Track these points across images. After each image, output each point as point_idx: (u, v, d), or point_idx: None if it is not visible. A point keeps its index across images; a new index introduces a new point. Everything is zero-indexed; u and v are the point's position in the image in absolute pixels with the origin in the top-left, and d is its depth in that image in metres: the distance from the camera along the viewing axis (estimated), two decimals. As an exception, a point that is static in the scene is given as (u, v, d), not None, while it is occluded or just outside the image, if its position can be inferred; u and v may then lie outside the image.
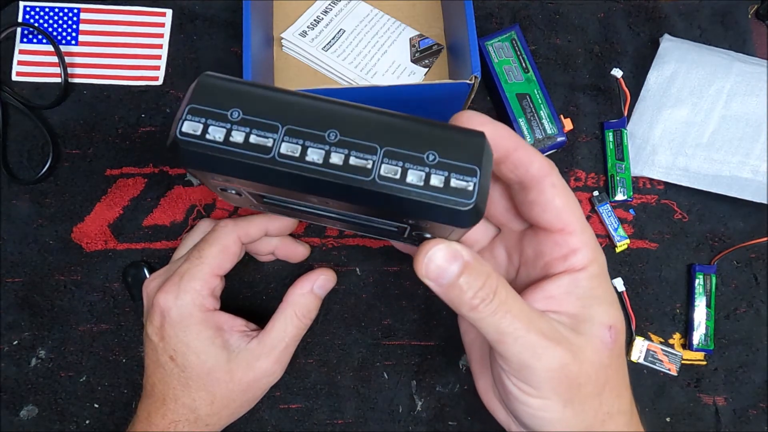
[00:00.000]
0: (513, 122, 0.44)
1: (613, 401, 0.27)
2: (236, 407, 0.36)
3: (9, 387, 0.43)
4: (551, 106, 0.44)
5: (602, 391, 0.26)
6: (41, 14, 0.47)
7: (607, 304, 0.27)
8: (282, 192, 0.24)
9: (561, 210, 0.26)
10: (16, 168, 0.45)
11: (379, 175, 0.22)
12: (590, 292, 0.27)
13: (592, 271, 0.27)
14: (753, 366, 0.45)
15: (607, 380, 0.27)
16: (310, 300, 0.38)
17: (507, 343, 0.25)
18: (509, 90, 0.44)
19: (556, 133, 0.44)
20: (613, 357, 0.27)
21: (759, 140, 0.45)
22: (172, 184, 0.45)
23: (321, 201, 0.24)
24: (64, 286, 0.44)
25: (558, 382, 0.25)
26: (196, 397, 0.35)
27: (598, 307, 0.27)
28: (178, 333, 0.34)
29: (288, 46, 0.47)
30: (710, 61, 0.46)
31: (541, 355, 0.25)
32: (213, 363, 0.35)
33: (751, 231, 0.47)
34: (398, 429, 0.43)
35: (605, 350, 0.26)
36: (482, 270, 0.25)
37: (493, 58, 0.45)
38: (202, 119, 0.22)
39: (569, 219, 0.26)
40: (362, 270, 0.45)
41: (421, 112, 0.44)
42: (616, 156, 0.46)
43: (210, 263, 0.35)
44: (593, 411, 0.26)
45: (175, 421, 0.35)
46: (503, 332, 0.24)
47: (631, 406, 0.29)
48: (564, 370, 0.25)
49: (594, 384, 0.26)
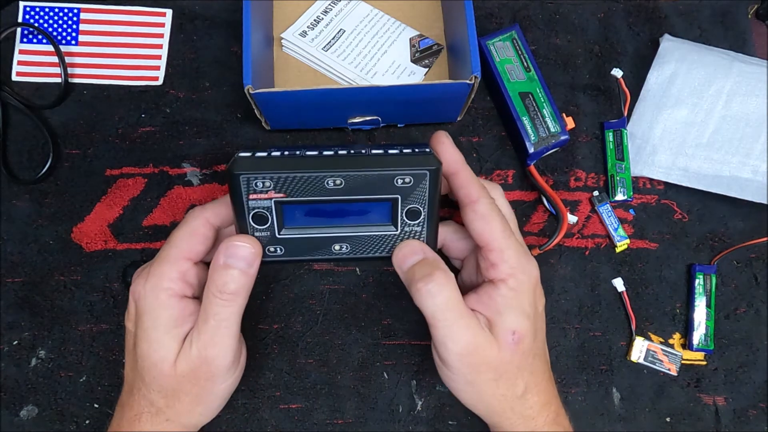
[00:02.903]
0: (517, 121, 0.44)
1: (508, 388, 0.34)
2: (189, 402, 0.34)
3: (9, 387, 0.43)
4: (554, 104, 0.44)
5: (499, 378, 0.34)
6: (41, 14, 0.47)
7: (517, 312, 0.33)
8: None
9: (481, 231, 0.34)
10: (16, 168, 0.45)
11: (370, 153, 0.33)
12: (504, 301, 0.33)
13: (510, 283, 0.33)
14: (753, 366, 0.45)
15: (504, 371, 0.34)
16: (224, 273, 0.32)
17: (436, 326, 0.33)
18: (512, 89, 0.44)
19: (559, 131, 0.44)
20: (516, 355, 0.34)
21: (759, 140, 0.45)
22: (172, 184, 0.45)
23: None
24: (64, 286, 0.44)
25: (463, 364, 0.33)
26: (151, 389, 0.34)
27: (508, 315, 0.33)
28: (145, 319, 0.33)
29: (288, 46, 0.47)
30: (710, 61, 0.46)
31: (456, 341, 0.33)
32: (161, 355, 0.33)
33: (751, 231, 0.47)
34: (398, 429, 0.43)
35: (507, 349, 0.33)
36: (433, 264, 0.33)
37: (495, 58, 0.45)
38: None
39: (490, 238, 0.33)
40: (362, 270, 0.45)
41: (421, 112, 0.45)
42: (616, 156, 0.46)
43: (178, 245, 0.34)
44: (490, 391, 0.34)
45: (139, 413, 0.34)
46: (435, 316, 0.32)
47: (537, 395, 0.35)
48: (470, 356, 0.33)
49: (492, 372, 0.33)
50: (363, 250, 0.35)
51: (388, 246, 0.35)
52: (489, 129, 0.47)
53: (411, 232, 0.35)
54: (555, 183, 0.46)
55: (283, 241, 0.34)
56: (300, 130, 0.46)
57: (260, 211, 0.33)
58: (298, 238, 0.34)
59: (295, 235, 0.34)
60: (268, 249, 0.34)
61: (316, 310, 0.44)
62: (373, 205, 0.34)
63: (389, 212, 0.34)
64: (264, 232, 0.34)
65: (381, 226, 0.34)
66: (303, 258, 0.35)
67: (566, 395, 0.44)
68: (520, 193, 0.46)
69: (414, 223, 0.34)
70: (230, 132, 0.46)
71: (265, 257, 0.35)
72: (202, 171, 0.45)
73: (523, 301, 0.34)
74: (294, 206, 0.33)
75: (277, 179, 0.32)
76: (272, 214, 0.33)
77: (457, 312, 0.33)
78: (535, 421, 0.35)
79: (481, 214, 0.34)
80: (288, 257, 0.35)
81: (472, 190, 0.34)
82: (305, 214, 0.34)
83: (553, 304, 0.45)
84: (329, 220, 0.34)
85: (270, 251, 0.34)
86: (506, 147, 0.47)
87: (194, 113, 0.46)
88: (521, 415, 0.35)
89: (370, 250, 0.35)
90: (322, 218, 0.34)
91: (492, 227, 0.34)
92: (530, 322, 0.34)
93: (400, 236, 0.35)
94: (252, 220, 0.33)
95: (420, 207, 0.34)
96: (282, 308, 0.44)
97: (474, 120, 0.47)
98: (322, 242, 0.35)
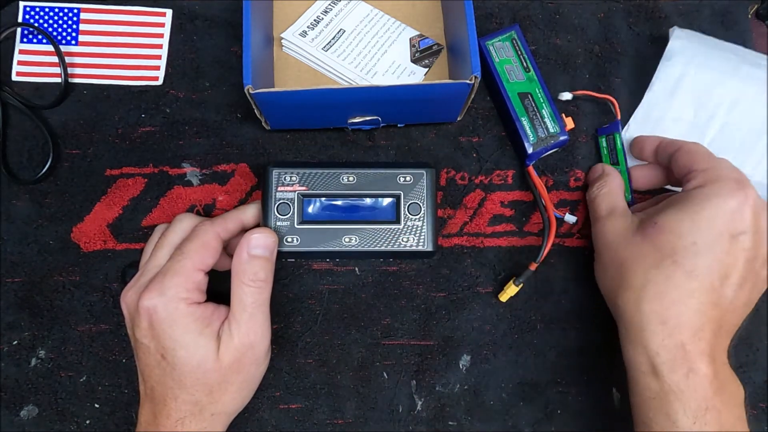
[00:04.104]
0: (516, 121, 0.44)
1: (626, 271, 0.36)
2: (235, 389, 0.37)
3: (9, 387, 0.43)
4: (553, 105, 0.44)
5: (622, 262, 0.37)
6: (41, 14, 0.47)
7: (676, 211, 0.35)
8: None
9: (689, 162, 0.38)
10: (16, 168, 0.45)
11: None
12: (673, 200, 0.36)
13: (692, 190, 0.35)
14: (753, 366, 0.45)
15: (628, 255, 0.36)
16: (252, 263, 0.37)
17: (594, 217, 0.42)
18: (511, 89, 0.44)
19: (558, 131, 0.44)
20: (645, 241, 0.35)
21: (755, 149, 0.45)
22: (171, 184, 0.45)
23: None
24: (64, 286, 0.44)
25: (600, 242, 0.40)
26: (194, 392, 0.35)
27: (665, 210, 0.36)
28: (166, 329, 0.35)
29: (288, 46, 0.47)
30: (717, 64, 0.45)
31: (601, 222, 0.41)
32: (202, 355, 0.35)
33: (751, 231, 0.47)
34: (398, 429, 0.43)
35: (639, 234, 0.36)
36: (607, 177, 0.43)
37: (494, 58, 0.45)
38: None
39: (694, 164, 0.37)
40: (361, 270, 0.45)
41: (421, 112, 0.45)
42: (611, 160, 0.46)
43: (192, 257, 0.36)
44: (608, 274, 0.38)
45: (181, 418, 0.35)
46: (594, 208, 0.42)
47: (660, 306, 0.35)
48: (609, 236, 0.39)
49: (618, 254, 0.38)
50: (370, 242, 0.40)
51: (393, 239, 0.40)
52: (489, 129, 0.47)
53: (413, 227, 0.40)
54: (555, 183, 0.46)
55: (300, 231, 0.40)
56: (300, 130, 0.46)
57: (285, 202, 0.40)
58: (314, 229, 0.40)
59: (311, 227, 0.40)
60: (286, 239, 0.40)
61: (315, 310, 0.44)
62: (380, 203, 0.41)
63: (393, 210, 0.41)
64: (285, 222, 0.40)
65: (386, 223, 0.40)
66: (316, 249, 0.40)
67: (566, 395, 0.44)
68: (520, 193, 0.46)
69: (415, 218, 0.40)
70: (230, 132, 0.46)
71: (283, 247, 0.40)
72: (202, 171, 0.46)
73: (696, 208, 0.34)
74: (312, 201, 0.40)
75: (302, 174, 0.40)
76: (294, 206, 0.40)
77: (613, 203, 0.40)
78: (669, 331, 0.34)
79: (687, 150, 0.38)
80: (303, 248, 0.40)
81: (676, 141, 0.41)
82: (322, 209, 0.41)
83: (554, 304, 0.45)
84: (341, 215, 0.41)
85: (288, 241, 0.40)
86: (506, 147, 0.47)
87: (194, 113, 0.46)
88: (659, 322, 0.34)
89: (376, 243, 0.40)
90: (336, 213, 0.41)
91: (698, 156, 0.37)
92: (686, 226, 0.34)
93: (403, 230, 0.40)
94: (277, 209, 0.40)
95: (420, 203, 0.40)
96: (281, 308, 0.44)
97: (474, 120, 0.47)
98: (334, 234, 0.40)
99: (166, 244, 0.38)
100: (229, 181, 0.45)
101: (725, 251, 0.33)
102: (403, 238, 0.40)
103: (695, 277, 0.33)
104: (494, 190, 0.46)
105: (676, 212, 0.35)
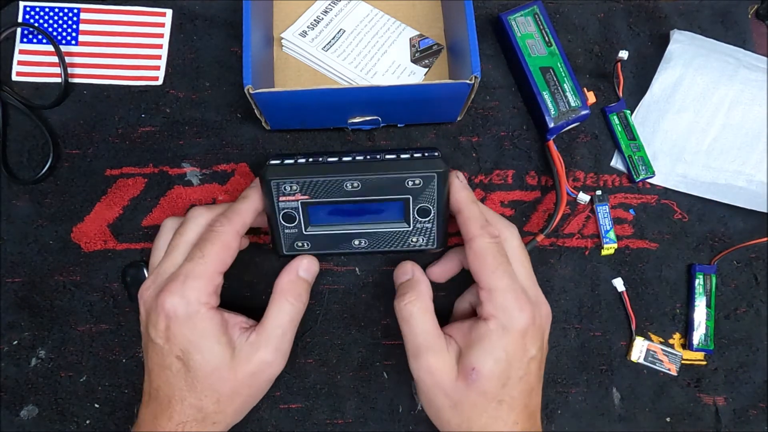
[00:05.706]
0: (537, 95, 0.43)
1: (463, 421, 0.35)
2: (241, 402, 0.36)
3: (9, 387, 0.43)
4: (575, 79, 0.44)
5: (454, 407, 0.35)
6: (41, 14, 0.47)
7: (486, 353, 0.34)
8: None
9: (474, 269, 0.36)
10: (16, 168, 0.45)
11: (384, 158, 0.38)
12: (478, 338, 0.35)
13: (490, 324, 0.35)
14: (753, 366, 0.45)
15: (459, 403, 0.35)
16: (298, 285, 0.38)
17: (408, 339, 0.37)
18: (532, 64, 0.44)
19: (579, 105, 0.44)
20: (472, 392, 0.34)
21: (756, 150, 0.45)
22: (171, 184, 0.45)
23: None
24: (64, 286, 0.44)
25: (422, 382, 0.36)
26: (203, 397, 0.35)
27: (476, 351, 0.35)
28: (185, 332, 0.34)
29: (288, 46, 0.47)
30: (716, 66, 0.46)
31: (420, 360, 0.36)
32: (218, 361, 0.35)
33: (751, 231, 0.47)
34: (398, 429, 0.43)
35: (463, 381, 0.35)
36: (417, 287, 0.38)
37: (516, 32, 0.44)
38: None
39: (480, 277, 0.36)
40: (361, 270, 0.45)
41: (421, 112, 0.45)
42: (627, 137, 0.45)
43: (213, 260, 0.36)
44: (446, 417, 0.35)
45: (183, 422, 0.35)
46: (407, 329, 0.37)
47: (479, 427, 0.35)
48: (430, 377, 0.35)
49: (448, 399, 0.35)
50: (380, 244, 0.40)
51: (402, 241, 0.40)
52: (489, 129, 0.47)
53: (422, 228, 0.39)
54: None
55: (309, 237, 0.39)
56: (300, 130, 0.46)
57: (289, 211, 0.38)
58: (323, 234, 0.39)
59: (320, 232, 0.39)
60: (296, 244, 0.39)
61: (315, 310, 0.44)
62: (388, 205, 0.38)
63: (402, 211, 0.39)
64: (292, 229, 0.39)
65: (395, 223, 0.39)
66: (327, 252, 0.40)
67: (566, 395, 0.44)
68: (520, 192, 0.46)
69: (425, 220, 0.39)
70: (230, 132, 0.46)
71: (294, 251, 0.39)
72: (202, 171, 0.46)
73: (498, 344, 0.34)
74: (318, 206, 0.38)
75: (302, 183, 0.37)
76: (299, 214, 0.38)
77: (429, 331, 0.36)
78: None
79: (475, 252, 0.36)
80: (314, 251, 0.40)
81: (471, 227, 0.37)
82: (328, 213, 0.39)
83: (553, 304, 0.45)
84: (349, 219, 0.39)
85: (298, 246, 0.39)
86: (506, 147, 0.47)
87: (194, 113, 0.46)
88: None
89: (386, 244, 0.40)
90: (343, 217, 0.39)
91: (484, 266, 0.36)
92: (500, 366, 0.34)
93: (413, 232, 0.39)
94: (282, 219, 0.38)
95: (430, 206, 0.38)
96: (282, 308, 0.44)
97: (474, 120, 0.47)
98: (343, 238, 0.39)
99: (183, 243, 0.37)
100: (229, 181, 0.45)
101: (527, 371, 0.35)
102: (413, 239, 0.40)
103: (516, 405, 0.35)
104: (494, 190, 0.46)
105: (486, 355, 0.34)
